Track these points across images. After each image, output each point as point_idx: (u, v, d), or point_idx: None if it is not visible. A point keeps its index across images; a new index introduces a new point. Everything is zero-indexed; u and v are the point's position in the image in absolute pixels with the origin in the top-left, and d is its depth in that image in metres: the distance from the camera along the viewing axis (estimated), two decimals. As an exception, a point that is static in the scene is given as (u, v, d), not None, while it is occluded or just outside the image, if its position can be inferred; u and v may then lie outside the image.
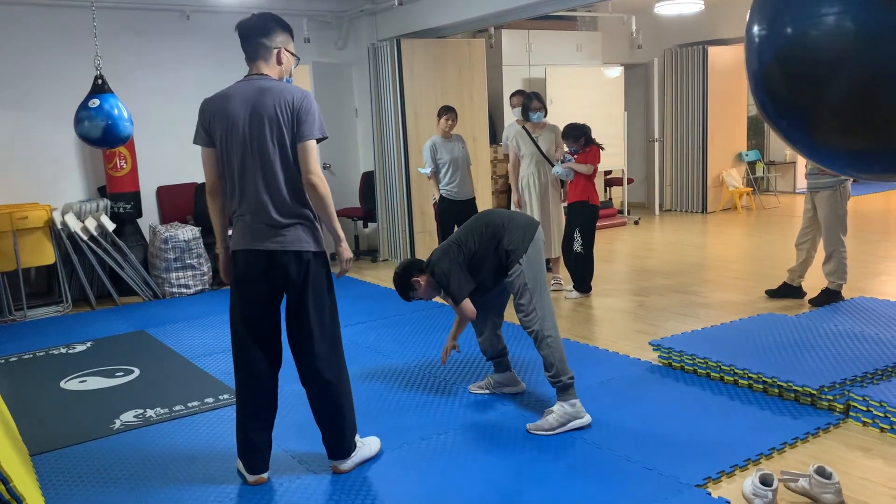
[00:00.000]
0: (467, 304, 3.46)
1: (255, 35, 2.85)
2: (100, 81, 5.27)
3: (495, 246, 3.44)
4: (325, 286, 2.93)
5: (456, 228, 6.24)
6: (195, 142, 2.90)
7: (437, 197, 6.24)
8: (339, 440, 3.02)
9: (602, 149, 5.70)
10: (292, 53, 2.99)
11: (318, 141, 2.82)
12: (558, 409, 3.33)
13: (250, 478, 2.99)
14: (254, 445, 2.98)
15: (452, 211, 6.25)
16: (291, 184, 2.81)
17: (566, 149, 5.75)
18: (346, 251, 3.00)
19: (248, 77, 2.88)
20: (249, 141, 2.76)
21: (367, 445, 3.15)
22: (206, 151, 2.86)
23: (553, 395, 3.66)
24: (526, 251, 3.39)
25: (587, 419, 3.34)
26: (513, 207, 6.05)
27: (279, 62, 2.93)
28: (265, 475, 3.01)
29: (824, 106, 1.69)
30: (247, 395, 2.98)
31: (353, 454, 3.06)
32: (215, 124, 2.81)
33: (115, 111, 5.17)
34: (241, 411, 3.00)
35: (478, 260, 3.46)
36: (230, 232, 2.95)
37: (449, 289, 3.42)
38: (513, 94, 6.45)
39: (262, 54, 2.87)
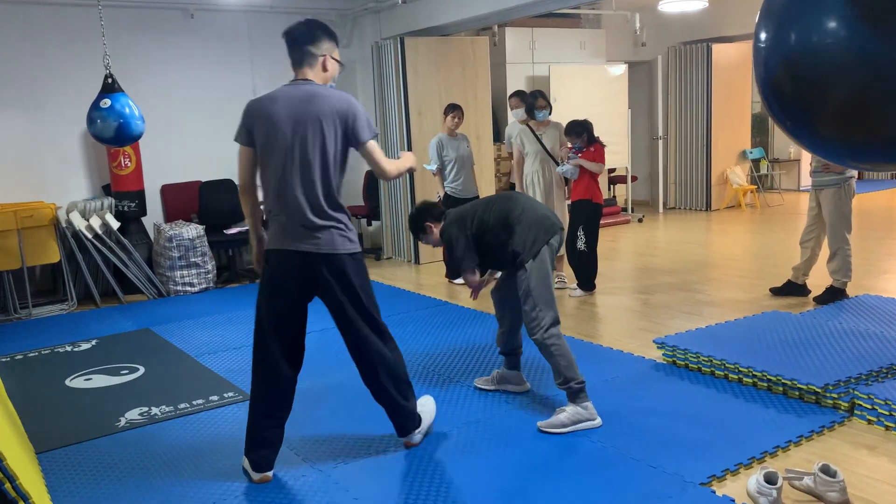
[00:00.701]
0: (467, 275, 3.55)
1: (302, 42, 2.91)
2: (110, 80, 5.29)
3: (505, 237, 3.41)
4: (364, 282, 2.98)
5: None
6: (236, 139, 2.95)
7: (442, 194, 6.25)
8: (409, 419, 3.17)
9: (604, 146, 5.70)
10: (337, 60, 3.04)
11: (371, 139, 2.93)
12: (570, 409, 3.33)
13: (255, 475, 3.00)
14: (263, 443, 2.99)
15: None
16: (328, 188, 2.87)
17: (570, 145, 5.75)
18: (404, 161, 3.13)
19: (294, 82, 2.94)
20: (292, 144, 2.82)
21: (426, 413, 3.29)
22: (244, 150, 2.92)
23: (558, 396, 3.66)
24: (534, 258, 3.35)
25: (598, 421, 3.34)
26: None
27: (325, 69, 2.98)
28: (270, 473, 3.02)
29: (825, 107, 1.86)
30: (263, 393, 3.00)
31: (420, 427, 3.21)
32: (258, 125, 2.87)
33: (127, 110, 5.20)
34: (255, 408, 3.01)
35: (485, 244, 3.46)
36: (265, 232, 3.01)
37: (454, 255, 3.48)
38: (511, 95, 6.40)
39: (308, 61, 2.93)
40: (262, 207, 3.03)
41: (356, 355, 3.04)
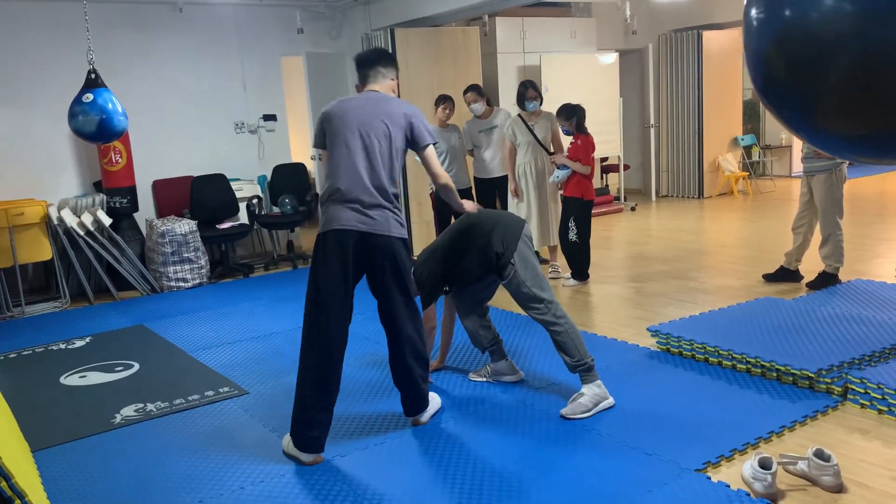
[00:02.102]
0: (428, 311, 3.71)
1: (377, 64, 3.34)
2: (93, 76, 5.25)
3: (482, 249, 3.48)
4: (408, 267, 3.22)
5: (453, 218, 6.30)
6: (315, 145, 3.30)
7: (434, 186, 6.24)
8: (422, 401, 3.35)
9: (590, 136, 5.66)
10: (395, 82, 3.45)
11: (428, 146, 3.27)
12: (588, 391, 3.38)
13: (307, 457, 3.08)
14: (314, 424, 3.06)
15: (449, 200, 6.25)
16: (388, 177, 3.14)
17: (556, 163, 5.72)
18: (469, 204, 3.59)
19: (366, 92, 3.32)
20: (362, 134, 3.12)
21: (434, 401, 3.48)
22: (323, 153, 3.26)
23: (551, 379, 3.68)
24: (516, 249, 3.44)
25: (612, 400, 3.43)
26: (510, 196, 6.04)
27: (391, 90, 3.39)
28: (322, 455, 3.11)
29: (824, 89, 1.69)
30: (314, 375, 3.06)
31: (428, 408, 3.39)
32: (332, 121, 3.17)
33: (109, 105, 5.15)
34: (305, 390, 3.08)
35: (464, 265, 3.53)
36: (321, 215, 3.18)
37: (423, 294, 3.62)
38: (467, 90, 6.19)
39: (378, 80, 3.33)
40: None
41: (391, 334, 3.23)
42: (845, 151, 1.90)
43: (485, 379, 3.86)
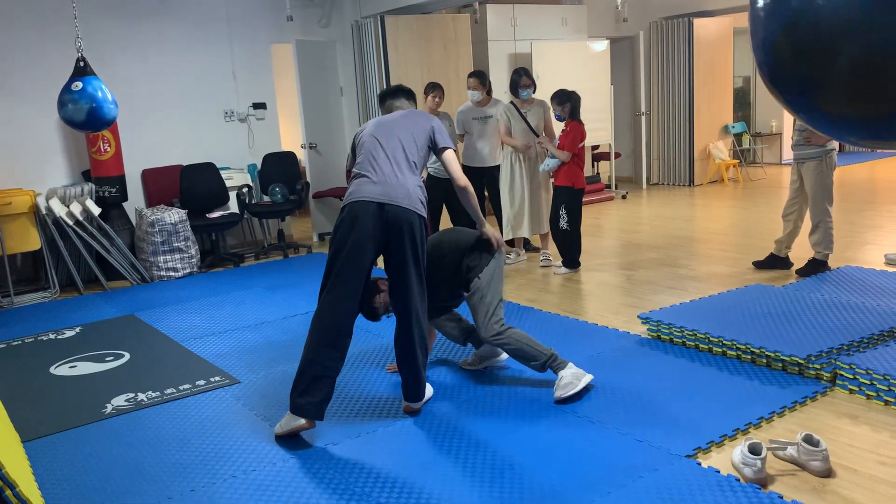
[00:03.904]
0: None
1: (401, 96, 3.73)
2: (81, 63, 5.20)
3: (456, 262, 3.51)
4: (424, 246, 3.30)
5: (444, 206, 6.30)
6: (349, 162, 3.55)
7: (425, 175, 6.23)
8: (420, 386, 3.37)
9: (582, 124, 5.66)
10: None
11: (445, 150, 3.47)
12: (567, 374, 3.41)
13: (297, 421, 3.12)
14: (308, 389, 3.12)
15: (440, 188, 6.25)
16: (416, 164, 3.36)
17: (544, 146, 5.71)
18: (491, 231, 3.55)
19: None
20: (395, 131, 3.37)
21: (427, 390, 3.48)
22: (351, 159, 3.51)
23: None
24: (486, 265, 3.49)
25: (591, 376, 3.47)
26: (502, 184, 6.01)
27: None
28: (314, 422, 3.16)
29: (832, 76, 1.71)
30: (321, 336, 3.14)
31: (423, 398, 3.41)
32: (362, 133, 3.45)
33: (99, 94, 5.10)
34: (310, 346, 3.14)
35: (438, 275, 3.51)
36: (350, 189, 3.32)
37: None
38: (470, 75, 6.25)
39: (398, 106, 3.69)
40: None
41: (400, 309, 3.29)
42: (851, 135, 1.92)
43: (476, 367, 3.87)
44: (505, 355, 3.86)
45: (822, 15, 1.66)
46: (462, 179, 3.43)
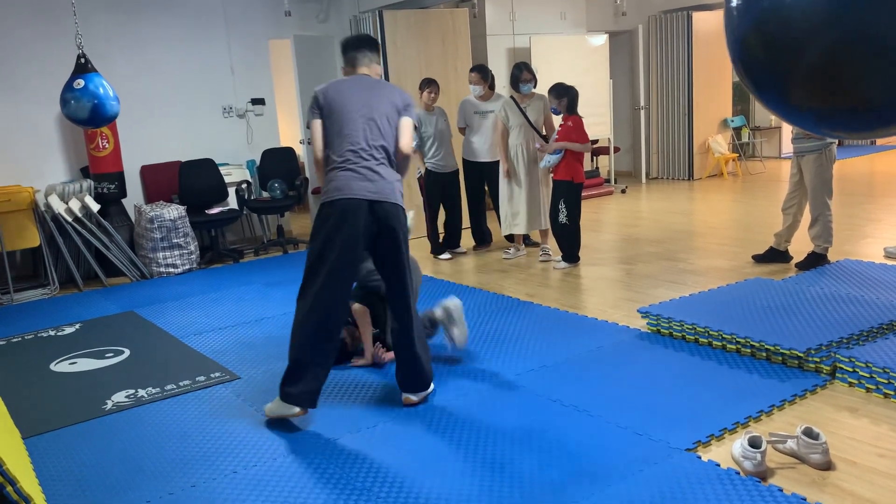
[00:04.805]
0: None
1: (364, 48, 3.51)
2: (83, 60, 5.20)
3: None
4: (407, 237, 3.38)
5: (441, 201, 6.30)
6: (310, 118, 3.33)
7: (423, 171, 6.23)
8: (422, 376, 3.40)
9: (581, 117, 5.65)
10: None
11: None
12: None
13: (290, 410, 3.19)
14: (302, 380, 3.17)
15: (438, 183, 6.26)
16: (391, 151, 3.33)
17: (549, 151, 5.70)
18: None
19: (357, 75, 3.47)
20: (365, 107, 3.28)
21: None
22: (318, 122, 3.31)
23: (542, 361, 3.69)
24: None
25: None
26: (501, 178, 6.03)
27: (376, 73, 3.53)
28: (307, 409, 3.23)
29: (799, 71, 1.82)
30: (311, 332, 3.18)
31: (425, 390, 3.44)
32: (333, 100, 3.29)
33: (101, 90, 5.11)
34: (300, 343, 3.18)
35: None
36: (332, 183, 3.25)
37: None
38: (473, 69, 6.26)
39: (365, 63, 3.49)
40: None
41: (398, 304, 3.32)
42: (818, 126, 2.04)
43: (454, 344, 3.90)
44: (458, 326, 3.89)
45: (790, 14, 1.76)
46: (409, 149, 3.38)
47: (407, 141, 3.37)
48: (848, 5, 1.67)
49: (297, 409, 3.21)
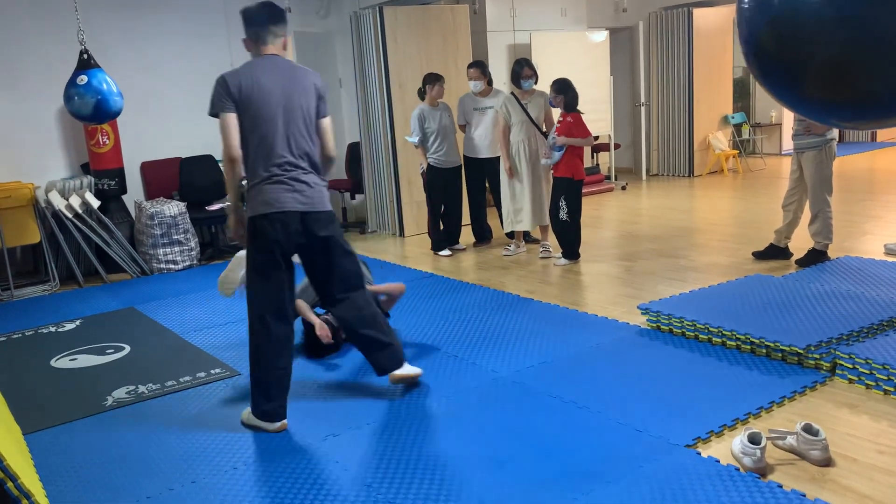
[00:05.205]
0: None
1: (268, 22, 3.18)
2: (85, 56, 5.20)
3: None
4: (341, 233, 3.32)
5: (444, 196, 6.30)
6: (218, 110, 3.06)
7: (426, 165, 6.23)
8: (394, 353, 3.42)
9: (581, 113, 5.65)
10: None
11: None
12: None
13: (273, 426, 3.19)
14: (279, 389, 3.19)
15: (441, 179, 6.27)
16: (315, 152, 3.21)
17: (551, 141, 5.69)
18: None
19: (265, 56, 3.18)
20: (286, 111, 3.10)
21: (414, 369, 3.54)
22: (232, 117, 3.06)
23: (542, 357, 3.69)
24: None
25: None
26: (502, 175, 6.02)
27: (284, 48, 3.27)
28: (286, 422, 3.23)
29: (812, 65, 1.90)
30: (277, 343, 3.17)
31: (404, 362, 3.46)
32: (246, 94, 3.05)
33: (105, 86, 5.11)
34: (262, 363, 3.17)
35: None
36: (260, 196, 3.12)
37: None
38: (471, 65, 6.27)
39: (270, 40, 3.19)
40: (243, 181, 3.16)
41: (342, 298, 3.29)
42: (830, 117, 2.16)
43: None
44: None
45: (803, 11, 1.83)
46: (334, 151, 3.32)
47: (332, 145, 3.30)
48: (862, 3, 1.76)
49: (278, 424, 3.20)
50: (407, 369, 3.46)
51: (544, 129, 5.94)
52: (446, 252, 6.40)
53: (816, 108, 2.04)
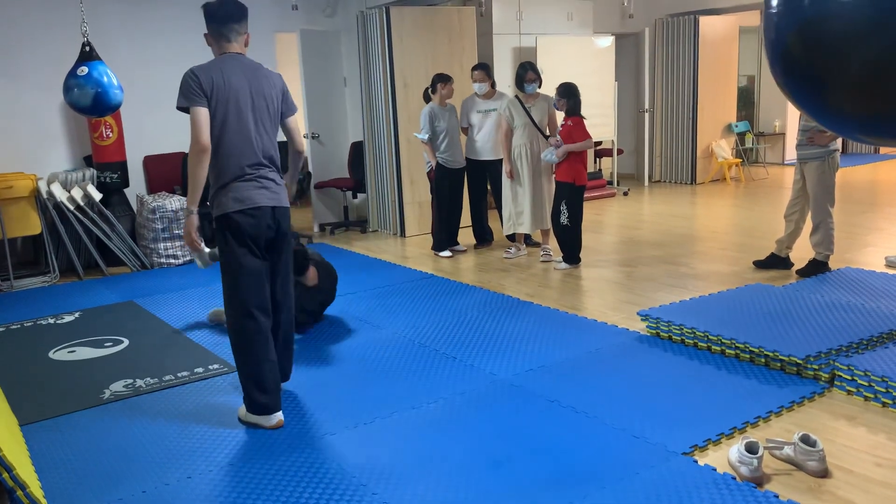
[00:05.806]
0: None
1: (230, 20, 3.20)
2: (87, 48, 5.19)
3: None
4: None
5: (449, 196, 6.31)
6: (189, 104, 3.06)
7: (434, 164, 6.24)
8: (290, 363, 3.57)
9: (583, 118, 5.65)
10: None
11: None
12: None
13: (270, 420, 3.22)
14: (274, 382, 3.23)
15: (447, 178, 6.29)
16: (277, 151, 3.28)
17: (556, 138, 5.70)
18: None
19: (230, 55, 3.21)
20: (253, 109, 3.14)
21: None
22: (203, 111, 3.06)
23: (541, 362, 3.68)
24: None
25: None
26: (504, 178, 6.03)
27: (246, 45, 3.29)
28: (282, 418, 3.26)
29: (842, 77, 1.82)
30: (265, 335, 3.23)
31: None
32: (217, 91, 3.08)
33: (105, 79, 5.10)
34: (258, 353, 3.21)
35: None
36: (230, 194, 3.13)
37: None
38: (475, 67, 6.28)
39: (234, 38, 3.22)
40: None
41: (281, 297, 3.35)
42: (856, 132, 2.04)
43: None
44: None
45: (835, 20, 1.75)
46: (303, 146, 3.44)
47: (302, 141, 3.41)
48: (894, 13, 1.68)
49: (275, 421, 3.22)
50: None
51: (547, 134, 5.94)
52: (447, 253, 6.40)
53: (842, 121, 1.96)
